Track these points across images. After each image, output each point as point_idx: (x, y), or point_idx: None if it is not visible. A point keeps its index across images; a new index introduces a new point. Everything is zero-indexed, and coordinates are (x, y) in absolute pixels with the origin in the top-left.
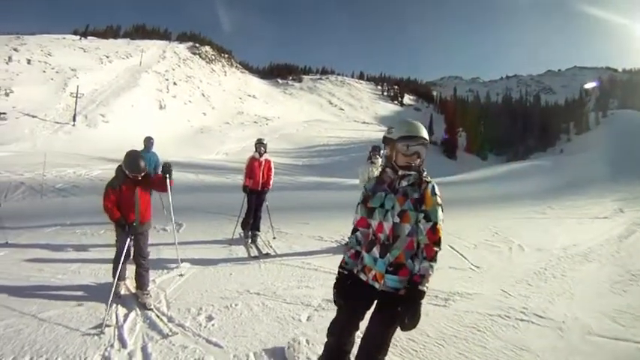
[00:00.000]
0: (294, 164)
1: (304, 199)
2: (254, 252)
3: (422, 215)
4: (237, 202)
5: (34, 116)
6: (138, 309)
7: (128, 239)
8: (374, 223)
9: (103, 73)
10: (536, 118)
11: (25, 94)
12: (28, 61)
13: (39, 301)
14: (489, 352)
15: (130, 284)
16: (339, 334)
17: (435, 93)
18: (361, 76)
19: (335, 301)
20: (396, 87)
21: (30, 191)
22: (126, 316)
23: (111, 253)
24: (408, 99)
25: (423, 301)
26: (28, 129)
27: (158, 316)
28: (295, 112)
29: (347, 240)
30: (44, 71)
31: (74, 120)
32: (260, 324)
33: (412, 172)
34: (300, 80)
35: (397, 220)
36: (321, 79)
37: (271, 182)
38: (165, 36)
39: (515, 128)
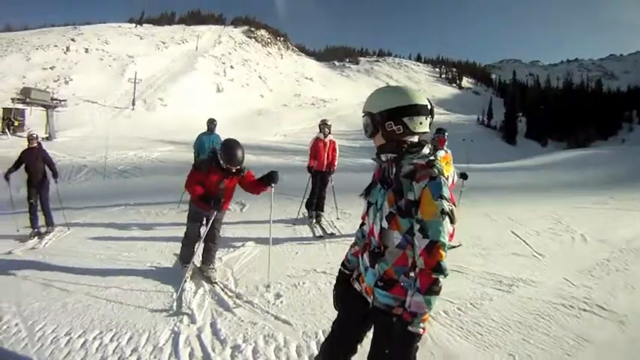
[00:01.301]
0: (351, 146)
1: (366, 180)
2: (319, 232)
3: (417, 225)
4: (298, 183)
5: (93, 102)
6: (206, 286)
7: (202, 223)
8: (368, 222)
9: (160, 59)
10: (598, 105)
11: (84, 82)
12: (86, 50)
13: (107, 278)
14: (552, 339)
15: (196, 260)
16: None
17: (493, 76)
18: (418, 58)
19: (334, 305)
20: (454, 69)
21: (93, 173)
22: (195, 293)
23: (176, 232)
24: (466, 82)
25: (486, 285)
26: (88, 114)
27: (226, 293)
28: (352, 94)
29: None
30: (102, 59)
31: (133, 104)
32: (328, 303)
33: (393, 155)
34: (357, 62)
35: (385, 224)
36: (378, 61)
37: (336, 163)
38: (220, 21)
39: (576, 115)
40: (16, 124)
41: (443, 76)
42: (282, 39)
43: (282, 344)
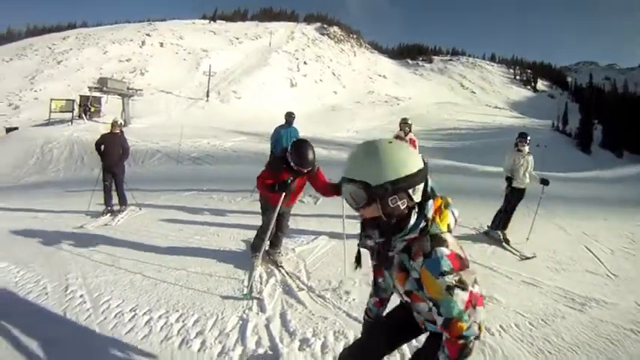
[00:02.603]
0: (424, 146)
1: (441, 181)
2: None
3: (430, 302)
4: None
5: (168, 92)
6: (277, 276)
7: (276, 210)
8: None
9: (234, 54)
10: None
11: (159, 74)
12: (161, 44)
13: (177, 258)
14: None
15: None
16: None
17: (569, 79)
18: (492, 58)
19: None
20: (529, 71)
21: (166, 158)
22: (266, 282)
23: (248, 220)
24: (541, 84)
25: (559, 302)
26: (163, 104)
27: (298, 286)
28: (426, 93)
29: (485, 229)
30: (177, 53)
31: (207, 96)
32: None
33: (382, 239)
34: (430, 61)
35: (406, 299)
36: (451, 60)
37: None
38: (292, 17)
39: None
40: (92, 110)
41: (517, 77)
42: (354, 36)
43: (351, 342)
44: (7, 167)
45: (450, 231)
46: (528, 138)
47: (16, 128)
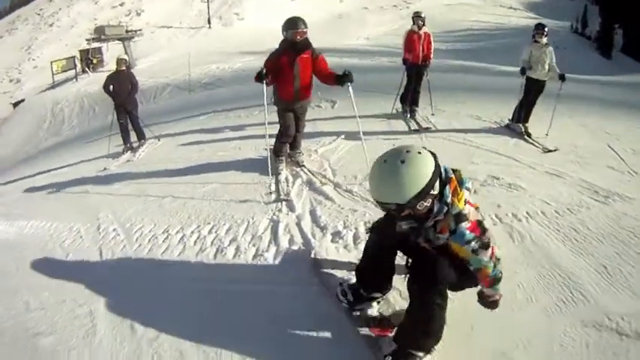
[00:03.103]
0: (437, 48)
1: (457, 80)
2: (414, 126)
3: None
4: (389, 81)
5: (169, 27)
6: (303, 176)
7: (292, 114)
8: None
9: None
10: None
11: (156, 11)
12: None
13: (203, 176)
14: None
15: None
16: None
17: None
18: None
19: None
20: None
21: (177, 90)
22: (292, 184)
23: (269, 130)
24: None
25: (583, 193)
26: (165, 39)
27: (324, 183)
28: None
29: (507, 122)
30: None
31: (209, 23)
32: None
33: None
34: None
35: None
36: None
37: (432, 56)
38: None
39: None
40: (94, 61)
41: None
42: None
43: None
44: (22, 139)
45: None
46: (546, 29)
47: (22, 101)
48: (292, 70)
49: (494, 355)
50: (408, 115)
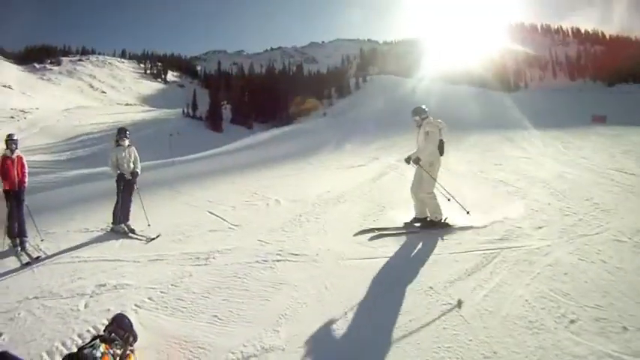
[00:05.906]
0: (57, 160)
1: (70, 194)
2: (25, 259)
3: None
4: None
5: None
6: None
7: None
8: None
9: None
10: (300, 86)
11: None
12: None
13: None
14: (251, 293)
15: None
16: None
17: (199, 68)
18: (123, 54)
19: None
20: (160, 64)
21: None
22: None
23: None
24: (171, 75)
25: (185, 264)
26: None
27: None
28: (55, 100)
29: (110, 226)
30: None
31: None
32: (44, 325)
33: None
34: (58, 63)
35: None
36: (81, 60)
37: (26, 180)
38: None
39: (279, 97)
40: None
41: (148, 71)
42: None
43: None
44: None
45: None
46: (127, 132)
47: None
48: None
49: None
50: (19, 249)
